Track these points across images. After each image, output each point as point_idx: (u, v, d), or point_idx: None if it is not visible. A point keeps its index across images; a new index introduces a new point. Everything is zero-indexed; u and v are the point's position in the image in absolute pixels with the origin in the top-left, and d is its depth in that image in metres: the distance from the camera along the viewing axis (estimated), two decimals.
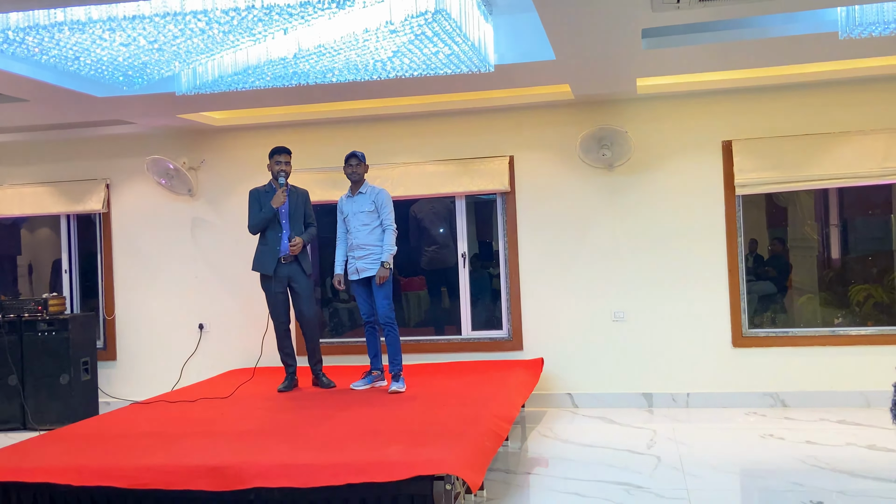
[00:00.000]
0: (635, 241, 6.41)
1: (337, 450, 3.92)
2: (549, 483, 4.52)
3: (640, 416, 6.06)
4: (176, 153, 7.05)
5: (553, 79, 5.57)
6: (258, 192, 5.76)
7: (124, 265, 7.24)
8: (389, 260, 5.49)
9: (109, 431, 4.63)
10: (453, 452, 3.76)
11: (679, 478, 4.44)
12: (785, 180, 6.17)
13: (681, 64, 5.32)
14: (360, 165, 5.60)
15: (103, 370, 7.15)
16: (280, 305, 5.75)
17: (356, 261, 5.59)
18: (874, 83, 6.04)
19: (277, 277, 5.69)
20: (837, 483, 4.25)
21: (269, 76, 4.91)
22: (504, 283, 6.70)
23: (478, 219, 7.31)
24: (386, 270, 5.46)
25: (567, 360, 6.48)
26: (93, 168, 7.29)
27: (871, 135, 6.03)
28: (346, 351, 6.85)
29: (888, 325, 6.55)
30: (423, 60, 4.70)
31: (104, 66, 4.78)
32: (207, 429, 4.58)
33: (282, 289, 5.73)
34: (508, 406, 4.99)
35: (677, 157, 6.36)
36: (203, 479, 3.69)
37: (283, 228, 5.69)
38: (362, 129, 6.81)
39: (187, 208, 7.14)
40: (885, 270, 7.21)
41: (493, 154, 6.61)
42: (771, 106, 6.22)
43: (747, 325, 6.30)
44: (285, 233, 5.69)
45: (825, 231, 7.84)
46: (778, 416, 5.87)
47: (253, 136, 7.00)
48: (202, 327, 7.07)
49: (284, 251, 5.68)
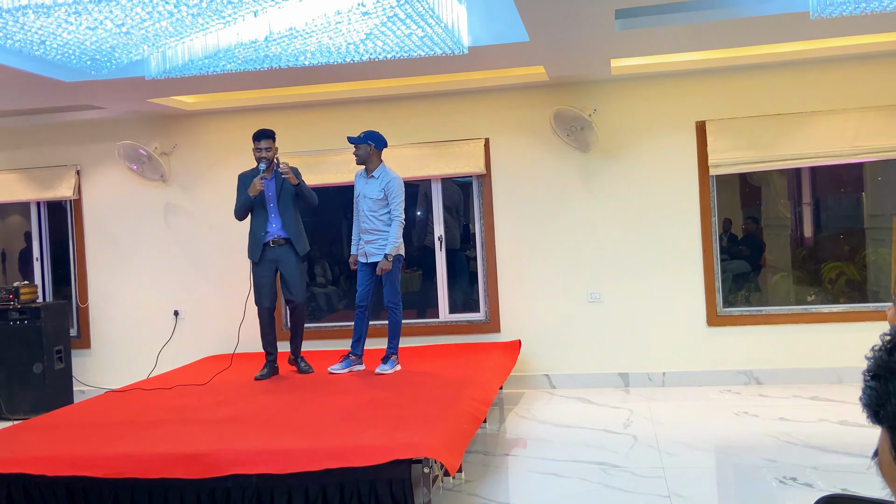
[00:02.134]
0: (611, 222, 6.44)
1: (314, 435, 3.92)
2: (527, 464, 4.55)
3: (617, 395, 6.11)
4: (147, 138, 6.95)
5: (527, 60, 5.55)
6: (244, 176, 5.66)
7: (97, 252, 7.15)
8: (392, 252, 5.46)
9: (84, 420, 4.59)
10: (431, 436, 3.76)
11: (655, 456, 4.48)
12: (758, 160, 6.22)
13: (654, 44, 5.32)
14: (358, 148, 5.54)
15: (77, 358, 7.07)
16: (264, 289, 5.61)
17: (365, 244, 5.59)
18: (845, 62, 6.08)
19: (263, 263, 5.60)
20: (810, 458, 4.31)
21: (240, 60, 4.84)
22: (481, 265, 6.70)
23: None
24: (388, 262, 5.45)
25: (544, 342, 6.51)
26: (62, 154, 7.17)
27: (842, 114, 6.08)
28: (324, 336, 6.83)
29: (860, 301, 6.65)
30: (396, 43, 4.66)
31: (71, 51, 4.69)
32: (184, 416, 4.55)
33: (268, 274, 5.60)
34: (486, 388, 5.01)
35: (652, 137, 6.38)
36: (179, 466, 3.67)
37: (270, 213, 5.59)
38: (336, 113, 6.75)
39: (160, 194, 7.05)
40: (856, 248, 7.31)
41: (469, 136, 6.59)
42: (744, 86, 6.25)
43: (722, 304, 6.36)
44: (272, 217, 5.60)
45: (798, 210, 7.93)
46: (752, 393, 5.94)
47: (226, 121, 6.92)
48: (177, 314, 7.01)
49: (271, 237, 5.58)
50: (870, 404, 0.76)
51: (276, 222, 5.59)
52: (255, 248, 5.60)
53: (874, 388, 0.76)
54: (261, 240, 5.58)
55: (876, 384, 0.76)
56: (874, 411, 0.76)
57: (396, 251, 5.51)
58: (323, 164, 6.70)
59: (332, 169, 6.66)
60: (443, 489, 4.11)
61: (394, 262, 5.52)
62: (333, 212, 8.11)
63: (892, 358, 0.75)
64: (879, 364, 0.76)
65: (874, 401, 0.76)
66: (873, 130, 6.01)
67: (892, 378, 0.74)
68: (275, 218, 5.59)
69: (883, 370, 0.75)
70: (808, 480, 3.97)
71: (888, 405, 0.74)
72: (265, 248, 5.59)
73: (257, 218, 5.60)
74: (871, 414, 0.77)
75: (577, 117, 6.14)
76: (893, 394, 0.74)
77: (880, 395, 0.75)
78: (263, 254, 5.59)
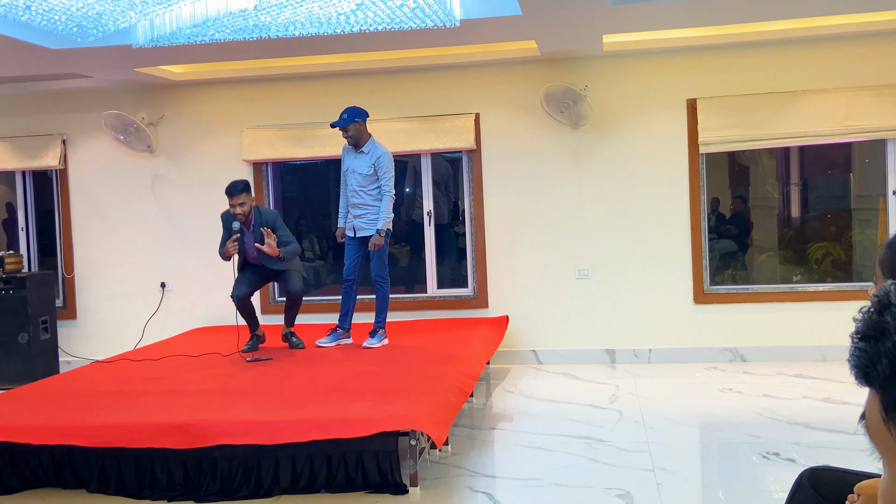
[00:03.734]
0: (600, 199, 6.44)
1: (302, 407, 3.93)
2: (513, 438, 4.58)
3: (603, 371, 6.15)
4: (134, 108, 6.87)
5: (519, 34, 5.52)
6: (226, 218, 5.39)
7: (83, 223, 7.09)
8: (384, 228, 5.43)
9: (70, 390, 4.58)
10: (418, 408, 3.78)
11: (640, 431, 4.52)
12: (748, 138, 6.22)
13: (646, 21, 5.29)
14: (347, 129, 5.41)
15: (63, 329, 7.04)
16: (242, 282, 5.43)
17: (354, 219, 5.55)
18: (837, 41, 6.08)
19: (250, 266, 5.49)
20: (793, 435, 4.36)
21: (229, 29, 4.78)
22: (469, 241, 6.70)
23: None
24: (380, 238, 5.42)
25: (532, 318, 6.53)
26: (48, 123, 7.09)
27: (832, 93, 6.08)
28: (312, 310, 6.81)
29: (845, 281, 6.70)
30: (388, 14, 4.62)
31: (57, 16, 4.61)
32: (171, 387, 4.55)
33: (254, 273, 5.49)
34: (473, 363, 5.03)
35: (642, 115, 6.36)
36: (166, 436, 3.68)
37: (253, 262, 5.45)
38: (326, 85, 6.69)
39: (147, 165, 6.99)
40: (843, 228, 7.35)
41: (459, 111, 6.56)
42: (735, 64, 6.24)
43: (709, 283, 6.39)
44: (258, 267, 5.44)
45: (786, 190, 7.96)
46: (737, 370, 5.99)
47: (214, 91, 6.85)
48: (164, 286, 6.98)
49: None
50: (859, 365, 0.76)
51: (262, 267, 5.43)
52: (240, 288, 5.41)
53: (864, 349, 0.76)
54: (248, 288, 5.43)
55: (865, 345, 0.75)
56: (864, 372, 0.76)
57: (386, 226, 5.50)
58: (312, 138, 6.65)
59: (321, 142, 6.62)
60: (429, 461, 4.13)
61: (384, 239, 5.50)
62: (322, 186, 8.08)
63: (882, 318, 0.75)
64: (869, 325, 0.76)
65: (864, 361, 0.76)
66: (863, 110, 6.01)
67: (883, 338, 0.74)
68: (260, 267, 5.43)
69: (873, 331, 0.75)
70: (791, 456, 4.02)
71: (878, 366, 0.74)
72: None
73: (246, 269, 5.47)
74: (859, 375, 0.77)
75: (569, 91, 6.11)
76: (884, 354, 0.74)
77: (870, 356, 0.75)
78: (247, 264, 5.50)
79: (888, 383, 0.74)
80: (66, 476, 3.88)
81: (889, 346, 0.73)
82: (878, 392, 0.75)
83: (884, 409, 0.74)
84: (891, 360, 0.73)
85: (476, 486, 3.81)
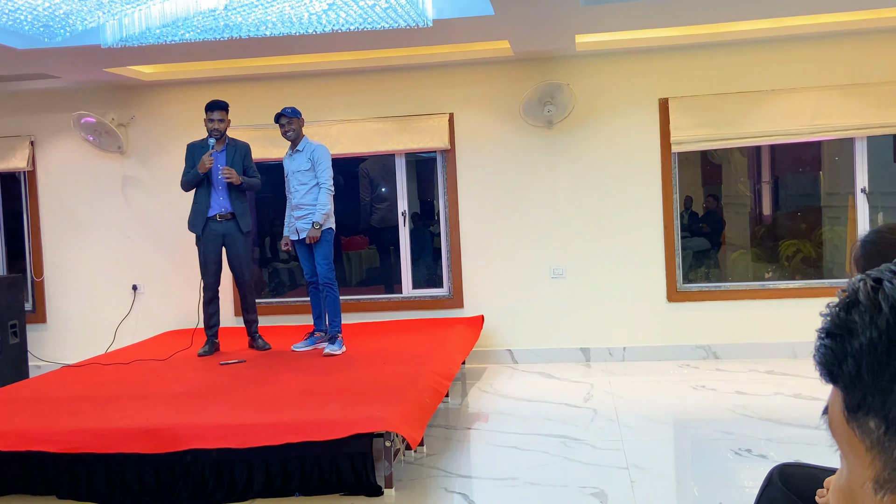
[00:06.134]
0: (574, 199, 6.46)
1: (275, 410, 3.90)
2: (488, 437, 4.58)
3: (578, 370, 6.17)
4: (104, 109, 6.79)
5: (492, 34, 5.52)
6: (193, 147, 5.59)
7: (52, 225, 6.99)
8: (321, 219, 5.34)
9: (39, 395, 4.51)
10: (393, 410, 3.77)
11: (614, 429, 4.54)
12: (719, 137, 6.27)
13: (618, 21, 5.32)
14: (293, 122, 5.41)
15: (33, 333, 6.93)
16: (209, 266, 5.56)
17: (295, 221, 5.49)
18: (805, 41, 6.15)
19: (208, 236, 5.54)
20: (765, 431, 4.40)
21: (199, 29, 4.74)
22: (444, 241, 6.70)
23: (419, 177, 7.27)
24: (317, 231, 5.33)
25: (507, 317, 6.54)
26: (16, 124, 6.98)
27: (801, 92, 6.15)
28: (287, 311, 6.78)
29: (815, 278, 6.78)
30: (360, 14, 4.60)
31: (23, 16, 4.54)
32: (142, 391, 4.50)
33: (214, 249, 5.56)
34: (448, 363, 5.02)
35: (615, 114, 6.40)
36: (138, 441, 3.64)
37: (217, 185, 5.51)
38: (299, 85, 6.66)
39: (117, 166, 6.91)
40: (813, 226, 7.44)
41: (433, 111, 6.55)
42: (707, 64, 6.29)
43: (682, 281, 6.44)
44: (219, 191, 5.53)
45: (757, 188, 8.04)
46: (710, 367, 6.05)
47: (185, 92, 6.79)
48: (136, 288, 6.90)
49: (216, 211, 5.53)
50: (823, 363, 0.76)
51: (222, 195, 5.52)
52: (197, 220, 5.54)
53: (829, 346, 0.75)
54: (204, 213, 5.52)
55: (831, 342, 0.75)
56: (828, 370, 0.76)
57: (327, 222, 5.43)
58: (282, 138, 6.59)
59: None
60: (404, 463, 4.12)
61: (324, 234, 5.40)
62: None
63: (849, 316, 0.74)
64: (835, 322, 0.75)
65: (829, 359, 0.75)
66: (831, 109, 6.09)
67: (850, 337, 0.74)
68: (221, 191, 5.52)
69: (839, 329, 0.75)
70: (763, 452, 4.06)
71: (844, 365, 0.74)
72: (209, 221, 5.53)
73: (201, 190, 5.53)
74: (824, 373, 0.76)
75: (544, 90, 6.12)
76: (850, 354, 0.73)
77: (836, 354, 0.75)
78: (208, 227, 5.54)
79: (853, 384, 0.73)
80: (36, 483, 3.82)
81: (856, 346, 0.73)
82: (842, 391, 0.75)
83: (846, 408, 0.74)
84: (857, 360, 0.73)
85: (451, 486, 3.81)
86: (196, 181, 5.50)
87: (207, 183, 5.52)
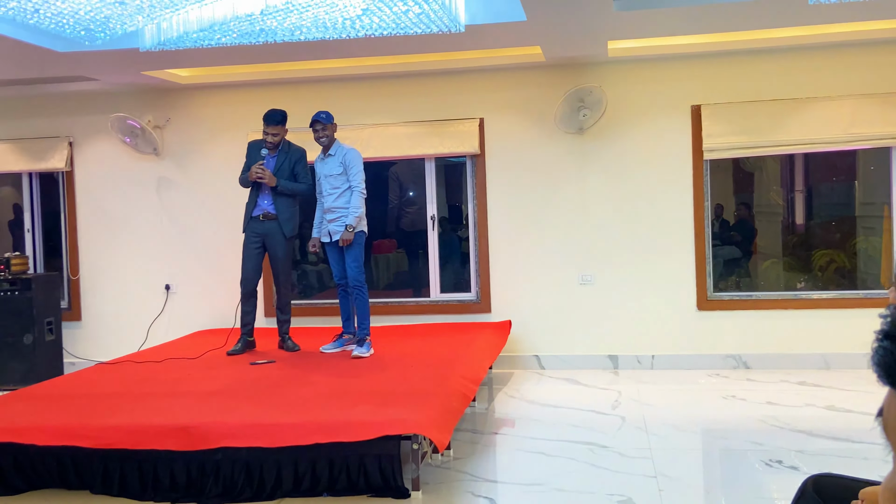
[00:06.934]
0: (603, 205, 6.44)
1: (304, 410, 3.93)
2: (515, 443, 4.58)
3: (606, 377, 6.15)
4: (141, 111, 6.91)
5: (524, 40, 5.53)
6: (251, 146, 5.74)
7: (89, 225, 7.12)
8: (354, 223, 5.40)
9: (74, 391, 4.59)
10: (420, 412, 3.79)
11: (642, 437, 4.52)
12: (752, 145, 6.22)
13: (651, 27, 5.30)
14: (327, 128, 5.46)
15: (68, 330, 7.07)
16: (246, 263, 5.67)
17: (327, 224, 5.54)
18: (842, 49, 6.08)
19: (249, 235, 5.67)
20: (796, 442, 4.35)
21: (235, 33, 4.81)
22: (473, 245, 6.71)
23: (448, 182, 7.30)
24: (350, 233, 5.38)
25: (534, 323, 6.54)
26: (55, 125, 7.12)
27: (837, 100, 6.08)
28: (315, 313, 6.84)
29: (849, 289, 6.69)
30: (393, 19, 4.64)
31: (65, 20, 4.65)
32: (174, 389, 4.56)
33: (253, 247, 5.66)
34: (476, 367, 5.03)
35: (647, 121, 6.37)
36: (169, 438, 3.69)
37: (264, 188, 5.61)
38: (331, 90, 6.72)
39: (153, 168, 7.02)
40: (847, 236, 7.34)
41: (464, 116, 6.57)
42: (740, 71, 6.24)
43: (712, 289, 6.39)
44: (265, 194, 5.62)
45: (790, 197, 7.95)
46: (740, 377, 5.99)
47: (220, 95, 6.88)
48: (168, 288, 7.00)
49: (259, 211, 5.63)
50: (881, 363, 0.76)
51: (267, 199, 5.63)
52: (245, 219, 5.70)
53: (888, 348, 0.75)
54: (249, 212, 5.66)
55: (890, 344, 0.75)
56: (886, 371, 0.76)
57: (359, 224, 5.48)
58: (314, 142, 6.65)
59: None
60: (431, 466, 4.13)
61: (356, 237, 5.44)
62: None
63: None
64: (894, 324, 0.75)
65: (887, 361, 0.75)
66: (868, 118, 6.01)
67: None
68: (266, 195, 5.62)
69: None
70: (794, 464, 4.01)
71: None
72: (252, 220, 5.65)
73: (252, 190, 5.68)
74: (882, 374, 0.76)
75: (577, 92, 6.12)
76: None
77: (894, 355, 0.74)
78: (250, 226, 5.66)
79: None
80: (70, 477, 3.89)
81: None
82: None
83: None
84: None
85: (478, 490, 3.81)
86: (246, 185, 5.68)
87: (256, 184, 5.64)
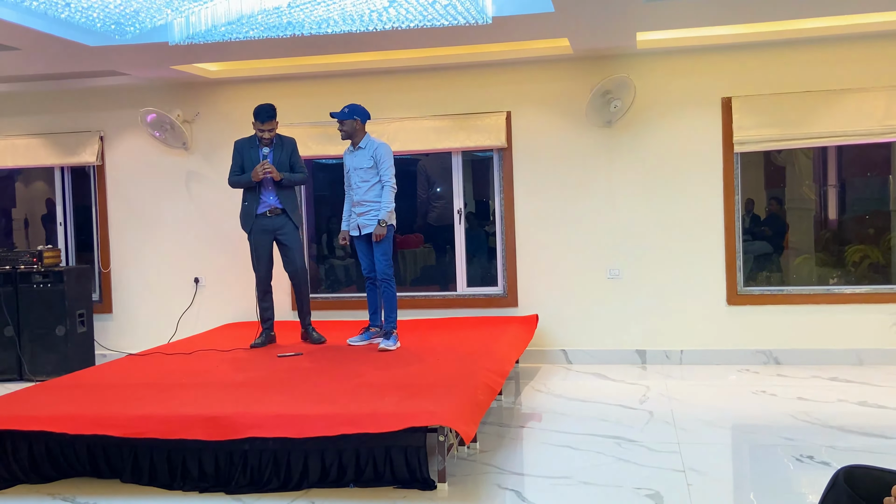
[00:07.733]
0: (632, 199, 6.39)
1: (331, 401, 3.95)
2: (541, 436, 4.56)
3: (634, 372, 6.10)
4: (170, 106, 6.97)
5: (551, 32, 5.50)
6: (241, 145, 5.67)
7: (119, 218, 7.21)
8: (387, 217, 5.42)
9: (105, 382, 4.65)
10: (447, 405, 3.78)
11: (671, 432, 4.48)
12: (784, 138, 6.13)
13: (680, 18, 5.24)
14: (344, 123, 5.44)
15: (99, 322, 7.16)
16: (261, 261, 5.65)
17: (357, 217, 5.55)
18: (875, 40, 5.96)
19: (258, 232, 5.63)
20: (828, 438, 4.29)
21: (263, 26, 4.83)
22: (500, 239, 6.69)
23: (474, 176, 7.28)
24: (383, 228, 5.39)
25: (562, 317, 6.50)
26: (86, 120, 7.21)
27: (871, 92, 5.97)
28: (342, 306, 6.87)
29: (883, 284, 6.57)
30: (420, 11, 4.63)
31: (95, 14, 4.70)
32: (203, 380, 4.60)
33: (264, 244, 5.65)
34: (502, 361, 5.01)
35: (676, 113, 6.30)
36: (198, 428, 3.72)
37: (266, 185, 5.59)
38: (358, 83, 6.73)
39: (182, 161, 7.08)
40: (881, 231, 7.21)
41: (491, 109, 6.55)
42: (771, 62, 6.15)
43: (742, 284, 6.31)
44: (268, 190, 5.60)
45: (823, 191, 7.82)
46: (770, 373, 5.91)
47: (248, 89, 6.92)
48: (198, 281, 7.07)
49: (265, 208, 5.61)
50: None
51: (271, 194, 5.60)
52: (246, 219, 5.65)
53: None
54: (252, 211, 5.61)
55: None
56: None
57: (390, 219, 5.47)
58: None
59: None
60: (457, 458, 4.13)
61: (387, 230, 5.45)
62: None
63: None
64: None
65: None
66: None
67: None
68: (270, 191, 5.60)
69: None
70: (825, 459, 3.95)
71: None
72: (259, 218, 5.61)
73: (249, 191, 5.63)
74: None
75: (605, 83, 6.07)
76: None
77: None
78: (257, 223, 5.62)
79: None
80: (101, 465, 3.94)
81: None
82: None
83: None
84: None
85: (504, 483, 3.80)
86: (249, 185, 5.60)
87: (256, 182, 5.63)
